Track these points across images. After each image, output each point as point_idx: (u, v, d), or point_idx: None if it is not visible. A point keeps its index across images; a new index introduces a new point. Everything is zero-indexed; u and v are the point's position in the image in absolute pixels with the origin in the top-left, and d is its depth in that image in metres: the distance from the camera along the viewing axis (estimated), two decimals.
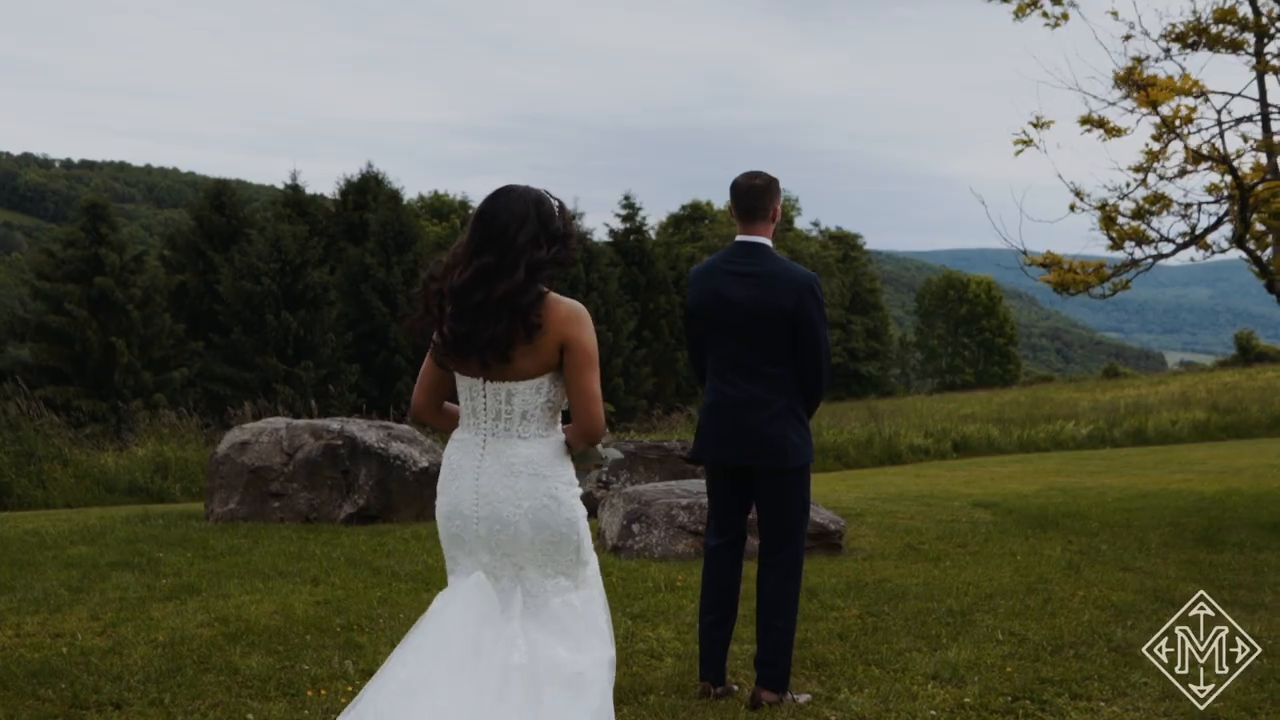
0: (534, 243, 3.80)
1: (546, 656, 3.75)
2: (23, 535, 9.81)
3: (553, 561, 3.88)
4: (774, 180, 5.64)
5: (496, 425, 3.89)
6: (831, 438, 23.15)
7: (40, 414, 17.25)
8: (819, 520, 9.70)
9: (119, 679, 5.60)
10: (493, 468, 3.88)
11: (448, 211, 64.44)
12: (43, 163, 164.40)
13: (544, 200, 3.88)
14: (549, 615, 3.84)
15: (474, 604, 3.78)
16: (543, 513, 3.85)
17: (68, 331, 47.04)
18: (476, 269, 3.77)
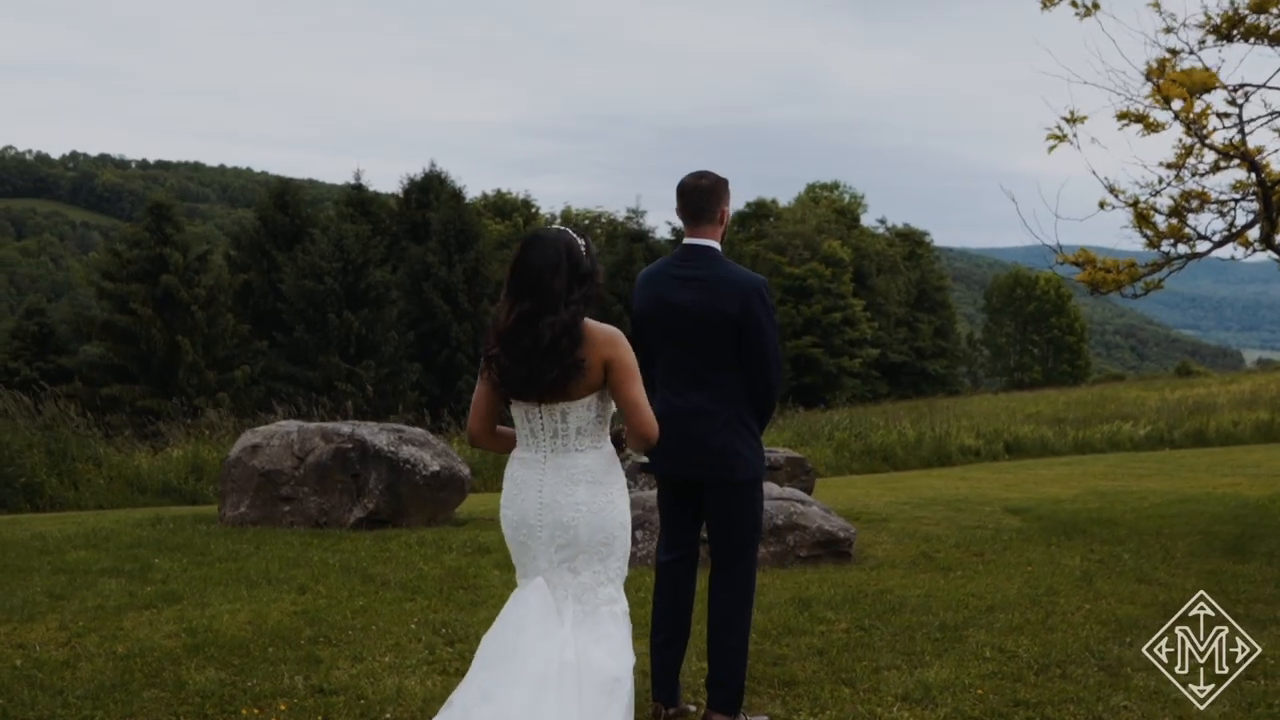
0: (568, 288, 4.23)
1: (590, 660, 4.18)
2: (26, 539, 9.79)
3: (604, 564, 4.34)
4: (722, 181, 5.42)
5: (555, 442, 4.34)
6: (879, 439, 22.78)
7: (76, 414, 17.29)
8: (828, 528, 9.45)
9: (60, 694, 5.49)
10: (554, 479, 4.32)
11: (510, 210, 64.47)
12: (119, 164, 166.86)
13: (573, 245, 4.30)
14: (595, 622, 4.28)
15: (533, 608, 4.24)
16: (599, 515, 4.31)
17: (133, 331, 47.62)
18: (519, 314, 4.22)
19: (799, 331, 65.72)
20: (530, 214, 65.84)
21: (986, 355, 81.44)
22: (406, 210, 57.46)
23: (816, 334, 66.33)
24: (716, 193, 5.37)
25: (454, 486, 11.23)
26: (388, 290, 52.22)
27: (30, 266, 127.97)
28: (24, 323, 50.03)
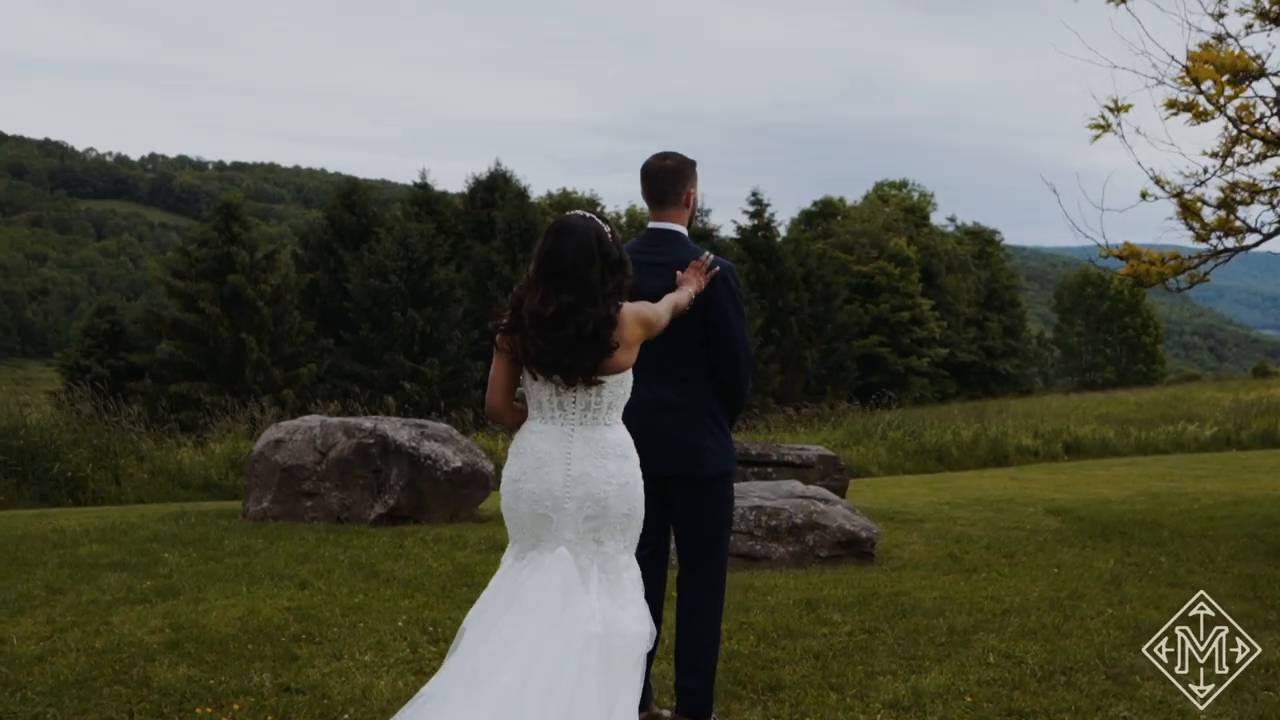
0: (603, 278, 4.34)
1: (623, 629, 4.24)
2: (44, 532, 9.75)
3: (625, 534, 4.41)
4: (687, 162, 5.18)
5: (586, 415, 4.39)
6: (933, 438, 22.40)
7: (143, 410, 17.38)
8: (849, 528, 9.19)
9: (20, 689, 5.38)
10: (583, 452, 4.36)
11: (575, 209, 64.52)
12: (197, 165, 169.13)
13: (603, 235, 4.39)
14: (620, 589, 4.35)
15: (559, 574, 4.25)
16: (627, 489, 4.39)
17: (201, 329, 48.05)
18: (560, 306, 4.29)
19: (866, 330, 65.14)
20: (597, 212, 65.84)
21: (1058, 355, 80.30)
22: (471, 209, 57.57)
23: (884, 333, 65.72)
24: (682, 174, 5.14)
25: (477, 483, 11.08)
26: (452, 289, 52.34)
27: (110, 266, 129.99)
28: (96, 321, 50.68)
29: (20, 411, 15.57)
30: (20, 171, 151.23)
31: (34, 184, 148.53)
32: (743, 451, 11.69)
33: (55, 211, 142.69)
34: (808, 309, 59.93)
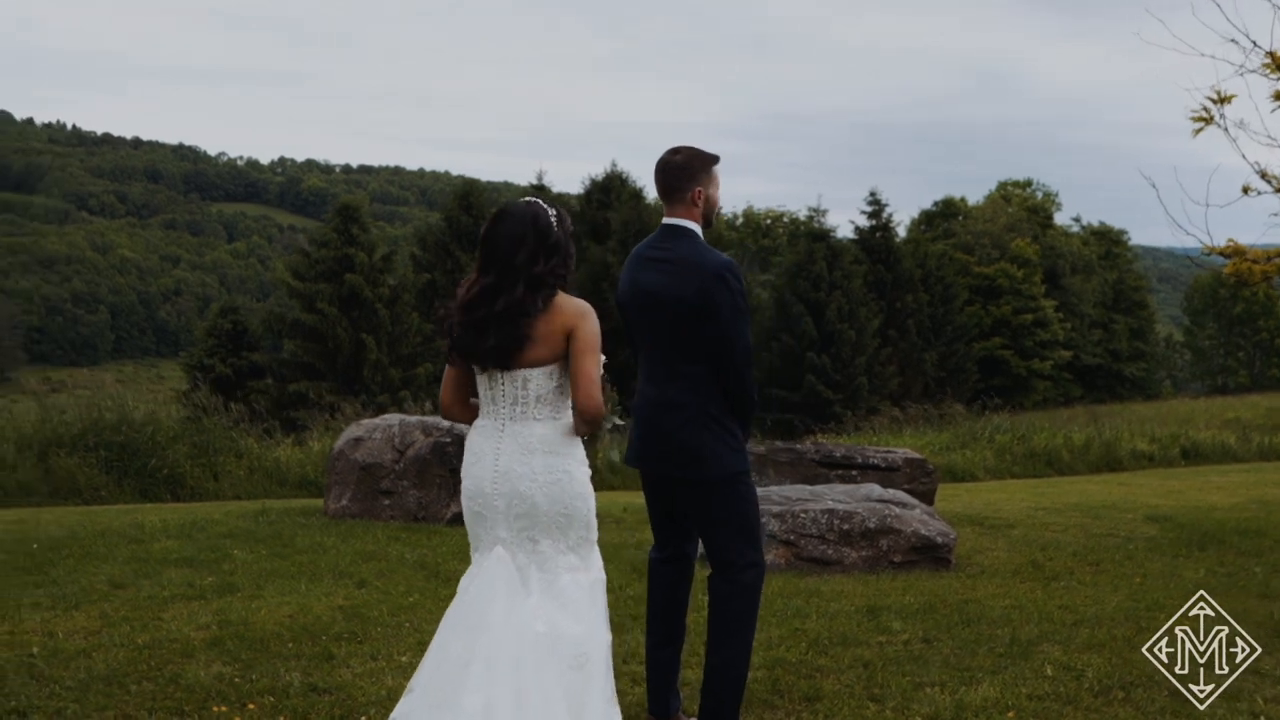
0: (532, 260, 4.23)
1: (561, 630, 4.11)
2: (124, 527, 9.85)
3: (565, 535, 4.24)
4: (698, 158, 5.00)
5: (514, 409, 4.27)
6: (1043, 442, 21.83)
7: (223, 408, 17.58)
8: (925, 533, 8.92)
9: (51, 684, 5.39)
10: (510, 448, 4.25)
11: None
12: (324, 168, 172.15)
13: (539, 217, 4.30)
14: (558, 590, 4.20)
15: (498, 579, 4.16)
16: (555, 487, 4.22)
17: (320, 329, 48.77)
18: (482, 287, 4.25)
19: (987, 333, 64.06)
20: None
21: (1188, 358, 78.20)
22: (587, 210, 57.69)
23: (1006, 335, 64.57)
24: (689, 170, 4.98)
25: None
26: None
27: (240, 268, 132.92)
28: (219, 321, 51.70)
29: (123, 407, 15.82)
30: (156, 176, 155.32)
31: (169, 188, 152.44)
32: (826, 454, 11.45)
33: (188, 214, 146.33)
34: (926, 310, 59.05)
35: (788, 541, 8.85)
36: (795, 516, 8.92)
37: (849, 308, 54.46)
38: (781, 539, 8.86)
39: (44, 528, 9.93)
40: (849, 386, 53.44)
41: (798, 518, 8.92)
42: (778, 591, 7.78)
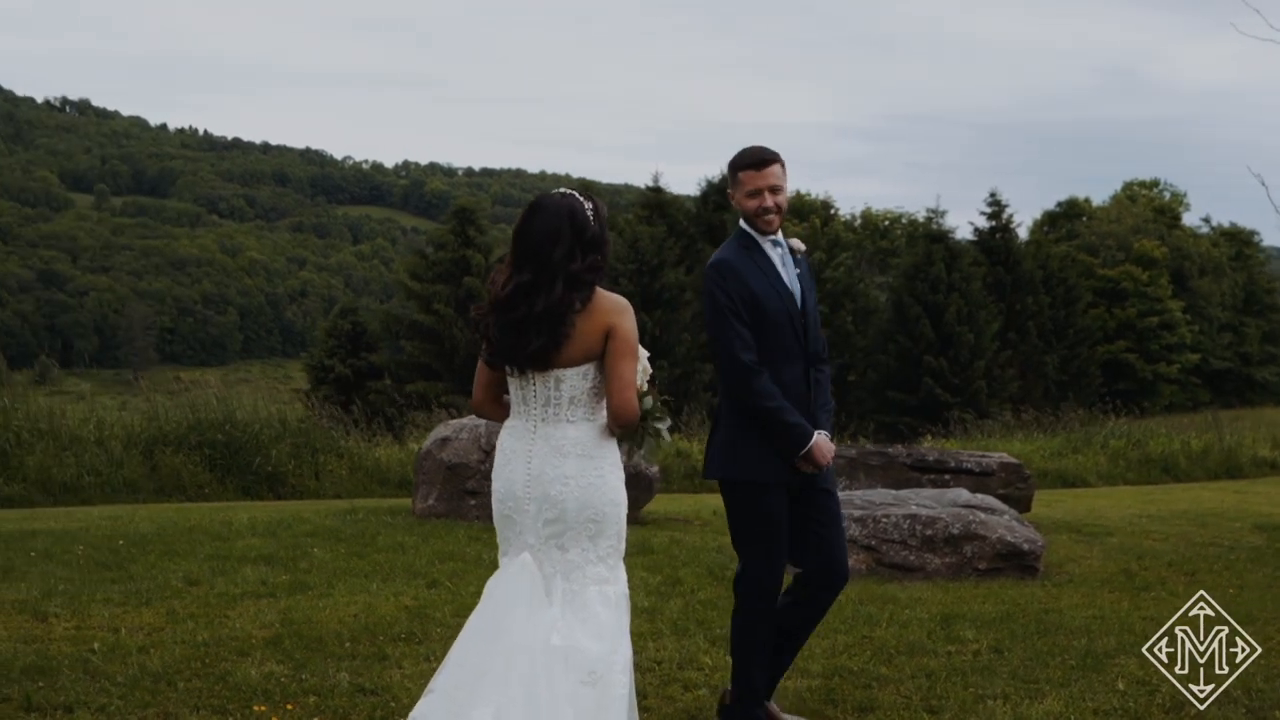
0: (569, 256, 4.05)
1: (577, 645, 3.95)
2: (213, 524, 9.96)
3: (594, 544, 4.08)
4: (729, 163, 5.08)
5: (546, 410, 4.11)
6: (1160, 447, 21.22)
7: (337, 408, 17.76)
8: (1010, 539, 8.68)
9: (104, 680, 5.42)
10: (543, 450, 4.10)
11: (808, 212, 63.65)
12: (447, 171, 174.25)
13: (576, 211, 4.10)
14: (583, 603, 4.03)
15: (522, 586, 4.03)
16: (588, 491, 4.07)
17: (436, 330, 49.30)
18: (516, 285, 4.05)
19: (1111, 336, 62.68)
20: (829, 215, 65.03)
21: None
22: (703, 212, 57.58)
23: (1131, 339, 63.13)
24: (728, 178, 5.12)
25: (639, 484, 10.88)
26: (682, 291, 52.39)
27: (364, 269, 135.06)
28: (339, 322, 52.51)
29: (226, 406, 16.07)
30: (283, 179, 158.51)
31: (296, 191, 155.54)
32: (918, 458, 11.22)
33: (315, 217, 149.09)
34: (1047, 313, 57.93)
35: (869, 547, 8.67)
36: (876, 521, 8.73)
37: (968, 310, 53.64)
38: (862, 544, 8.67)
39: (136, 524, 10.08)
40: (967, 390, 52.62)
41: (879, 522, 8.73)
42: (852, 598, 7.61)
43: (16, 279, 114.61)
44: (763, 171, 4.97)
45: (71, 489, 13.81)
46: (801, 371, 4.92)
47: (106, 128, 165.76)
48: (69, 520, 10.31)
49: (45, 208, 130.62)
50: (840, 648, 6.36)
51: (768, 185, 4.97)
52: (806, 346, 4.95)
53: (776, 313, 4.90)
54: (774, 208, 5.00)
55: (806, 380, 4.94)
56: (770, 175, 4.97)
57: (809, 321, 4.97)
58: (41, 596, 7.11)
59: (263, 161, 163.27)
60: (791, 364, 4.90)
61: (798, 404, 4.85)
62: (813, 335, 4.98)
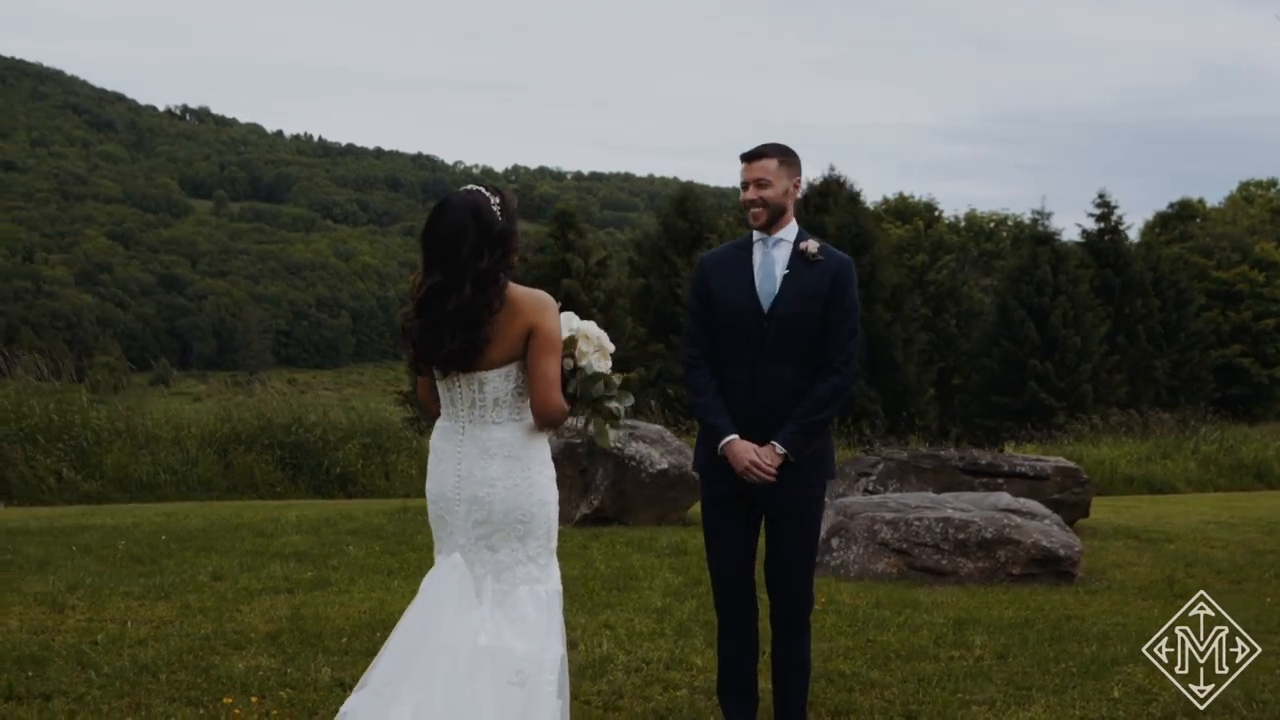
0: (475, 254, 3.97)
1: (505, 645, 3.91)
2: (261, 521, 10.12)
3: (523, 544, 4.04)
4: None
5: (472, 412, 4.08)
6: (1253, 453, 20.65)
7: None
8: (1046, 545, 8.50)
9: (89, 670, 5.52)
10: (471, 451, 4.07)
11: (910, 214, 62.99)
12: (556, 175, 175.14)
13: (480, 208, 4.02)
14: (513, 603, 4.00)
15: (450, 586, 4.01)
16: (514, 492, 4.03)
17: None
18: (429, 288, 4.01)
19: (1225, 340, 61.09)
20: (933, 217, 64.27)
21: None
22: (805, 214, 57.18)
23: (1246, 342, 61.49)
24: None
25: (685, 485, 10.86)
26: None
27: None
28: None
29: (294, 408, 16.33)
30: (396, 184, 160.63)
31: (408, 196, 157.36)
32: (970, 461, 11.03)
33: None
34: (1158, 316, 56.67)
35: (900, 550, 8.54)
36: (909, 524, 8.60)
37: (1074, 313, 52.63)
38: (894, 548, 8.55)
39: (187, 520, 10.28)
40: (1072, 395, 51.65)
41: (911, 526, 8.59)
42: (870, 602, 7.51)
43: (139, 283, 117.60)
44: (751, 165, 4.88)
45: (148, 486, 14.13)
46: (748, 373, 4.79)
47: (225, 135, 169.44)
48: (124, 517, 10.53)
49: (166, 213, 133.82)
50: (839, 651, 6.27)
51: (753, 179, 4.87)
52: (764, 348, 4.79)
53: (732, 313, 4.81)
54: (758, 201, 4.91)
55: (753, 382, 4.80)
56: (757, 169, 4.86)
57: (774, 325, 4.76)
58: (66, 589, 7.27)
59: (375, 167, 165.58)
60: (738, 364, 4.79)
61: (740, 404, 4.74)
62: (779, 338, 4.76)
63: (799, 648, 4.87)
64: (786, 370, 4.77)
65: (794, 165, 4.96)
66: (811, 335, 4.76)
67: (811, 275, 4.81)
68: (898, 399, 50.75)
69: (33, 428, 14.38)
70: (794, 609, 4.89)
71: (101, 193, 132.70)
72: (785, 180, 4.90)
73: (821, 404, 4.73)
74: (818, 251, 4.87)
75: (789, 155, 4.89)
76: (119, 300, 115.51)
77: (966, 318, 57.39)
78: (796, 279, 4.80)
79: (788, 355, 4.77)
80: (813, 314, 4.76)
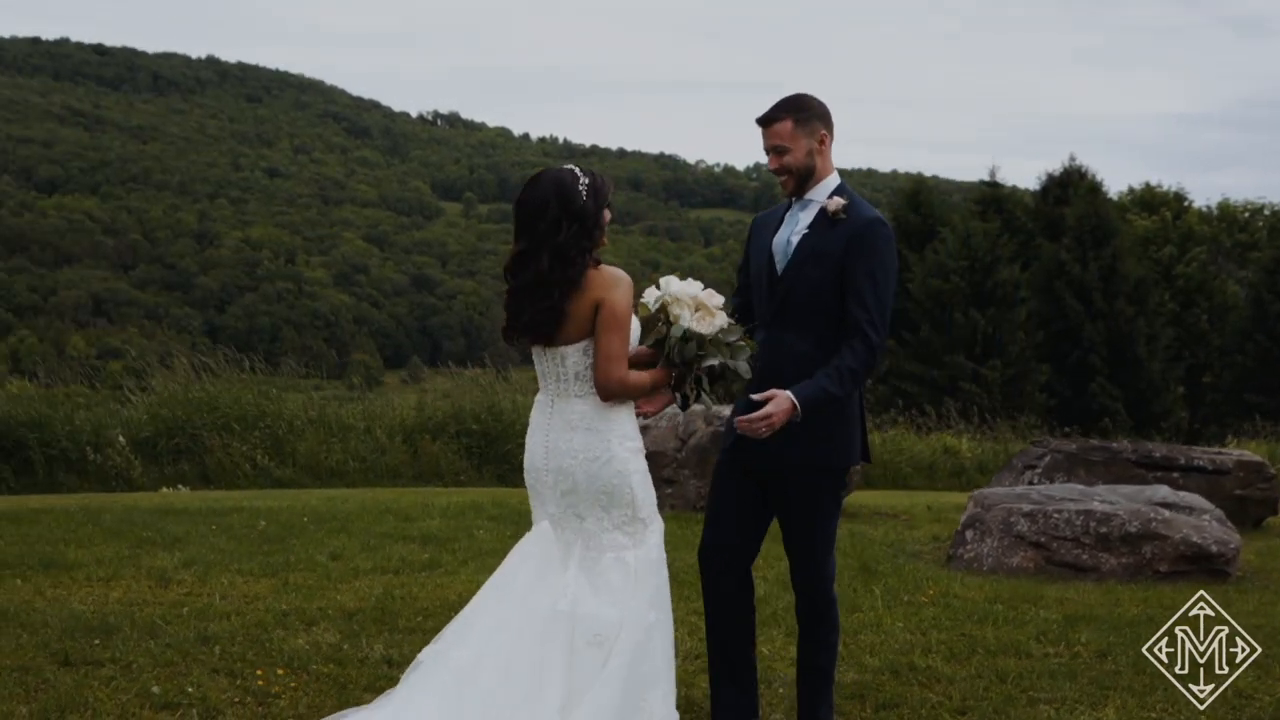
0: (554, 228, 4.13)
1: (585, 610, 4.05)
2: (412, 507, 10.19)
3: (608, 513, 4.17)
4: None
5: (558, 385, 4.26)
6: None
7: None
8: (1196, 540, 7.93)
9: (149, 641, 5.62)
10: (558, 424, 4.24)
11: (1158, 204, 60.30)
12: None
13: (564, 183, 4.16)
14: (599, 570, 4.13)
15: (533, 551, 4.21)
16: (594, 464, 4.17)
17: None
18: (515, 255, 4.23)
19: None
20: (1181, 207, 61.40)
21: None
22: (1043, 207, 55.53)
23: None
24: None
25: None
26: (1016, 288, 50.68)
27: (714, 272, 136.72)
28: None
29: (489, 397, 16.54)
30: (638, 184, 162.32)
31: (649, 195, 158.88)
32: (1144, 454, 10.40)
33: (667, 221, 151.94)
34: None
35: (1037, 544, 8.09)
36: (1048, 517, 8.14)
37: None
38: (1031, 540, 8.10)
39: (344, 504, 10.46)
40: None
41: (1050, 518, 8.13)
42: (988, 595, 7.12)
43: (392, 284, 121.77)
44: (767, 131, 4.61)
45: (337, 474, 14.53)
46: (766, 338, 4.51)
47: (474, 138, 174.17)
48: (281, 500, 10.78)
49: (419, 216, 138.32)
50: (923, 645, 5.94)
51: (771, 146, 4.60)
52: (777, 313, 4.53)
53: (755, 274, 4.64)
54: (781, 170, 4.66)
55: (769, 348, 4.48)
56: (773, 135, 4.58)
57: (783, 287, 4.52)
58: (182, 565, 7.46)
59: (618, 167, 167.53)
60: (762, 329, 4.56)
61: (759, 372, 4.47)
62: (790, 302, 4.51)
63: (810, 653, 4.58)
64: (806, 340, 4.48)
65: (814, 120, 4.58)
66: (830, 302, 4.44)
67: (830, 235, 4.49)
68: (1140, 396, 48.90)
69: (230, 417, 14.93)
70: (801, 604, 4.61)
71: (358, 197, 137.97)
72: (806, 139, 4.56)
73: (838, 372, 4.37)
74: (841, 209, 4.51)
75: (805, 111, 4.56)
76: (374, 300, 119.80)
77: (1219, 312, 54.66)
78: (813, 238, 4.51)
79: (805, 323, 4.49)
80: (827, 277, 4.43)
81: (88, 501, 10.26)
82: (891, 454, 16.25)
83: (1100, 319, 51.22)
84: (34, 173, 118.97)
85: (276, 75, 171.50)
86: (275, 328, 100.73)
